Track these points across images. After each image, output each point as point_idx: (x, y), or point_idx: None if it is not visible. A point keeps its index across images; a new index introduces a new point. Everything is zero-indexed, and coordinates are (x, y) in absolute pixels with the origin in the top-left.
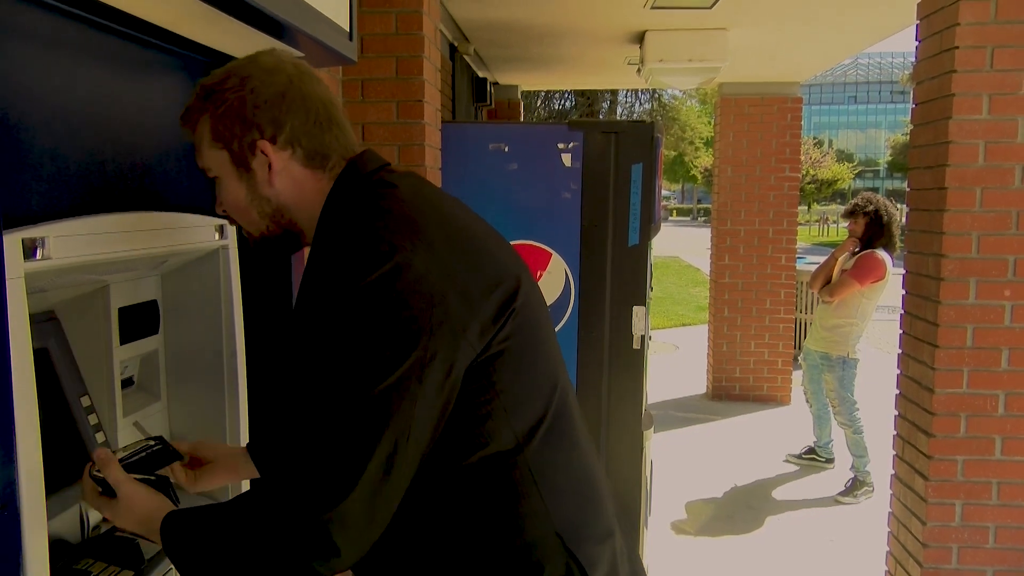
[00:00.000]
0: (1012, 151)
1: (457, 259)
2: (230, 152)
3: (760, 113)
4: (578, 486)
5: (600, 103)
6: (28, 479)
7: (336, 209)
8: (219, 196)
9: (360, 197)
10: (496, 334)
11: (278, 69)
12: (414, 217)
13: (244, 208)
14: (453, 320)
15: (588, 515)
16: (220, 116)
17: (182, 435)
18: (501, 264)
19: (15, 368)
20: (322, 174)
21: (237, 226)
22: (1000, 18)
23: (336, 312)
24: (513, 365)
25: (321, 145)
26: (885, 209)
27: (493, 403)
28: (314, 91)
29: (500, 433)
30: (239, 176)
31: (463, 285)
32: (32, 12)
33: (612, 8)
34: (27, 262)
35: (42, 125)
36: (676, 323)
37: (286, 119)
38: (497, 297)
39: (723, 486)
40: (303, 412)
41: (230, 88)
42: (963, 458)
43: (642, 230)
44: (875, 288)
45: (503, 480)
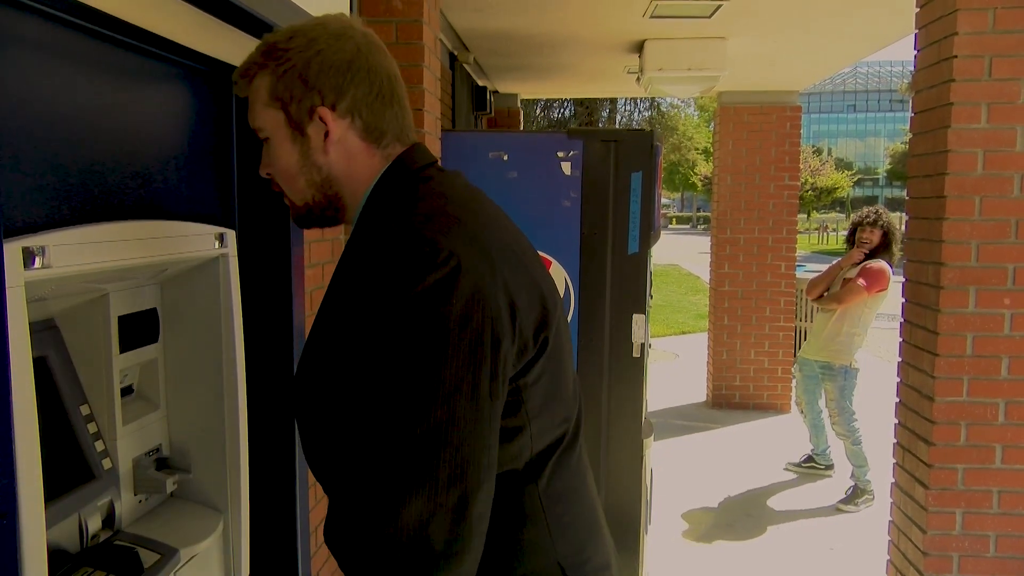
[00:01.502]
0: (1011, 160)
1: (506, 268)
2: (287, 114)
3: (759, 122)
4: (582, 517)
5: (599, 111)
6: (27, 488)
7: (382, 202)
8: (267, 158)
9: (407, 194)
10: (535, 355)
11: (346, 35)
12: (464, 219)
13: (293, 174)
14: (504, 331)
15: (589, 547)
16: (281, 75)
17: (181, 443)
18: (539, 281)
19: (14, 377)
20: (376, 151)
21: (279, 193)
22: (998, 28)
23: (389, 320)
24: (542, 390)
25: (381, 120)
26: (894, 227)
27: (523, 426)
28: (380, 63)
29: (520, 457)
30: (293, 139)
31: (512, 296)
32: (32, 21)
33: (611, 17)
34: (27, 271)
35: (42, 134)
36: (676, 331)
37: (349, 88)
38: (535, 316)
39: (723, 494)
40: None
41: (295, 48)
42: (963, 467)
43: (642, 238)
44: (878, 298)
45: (512, 504)
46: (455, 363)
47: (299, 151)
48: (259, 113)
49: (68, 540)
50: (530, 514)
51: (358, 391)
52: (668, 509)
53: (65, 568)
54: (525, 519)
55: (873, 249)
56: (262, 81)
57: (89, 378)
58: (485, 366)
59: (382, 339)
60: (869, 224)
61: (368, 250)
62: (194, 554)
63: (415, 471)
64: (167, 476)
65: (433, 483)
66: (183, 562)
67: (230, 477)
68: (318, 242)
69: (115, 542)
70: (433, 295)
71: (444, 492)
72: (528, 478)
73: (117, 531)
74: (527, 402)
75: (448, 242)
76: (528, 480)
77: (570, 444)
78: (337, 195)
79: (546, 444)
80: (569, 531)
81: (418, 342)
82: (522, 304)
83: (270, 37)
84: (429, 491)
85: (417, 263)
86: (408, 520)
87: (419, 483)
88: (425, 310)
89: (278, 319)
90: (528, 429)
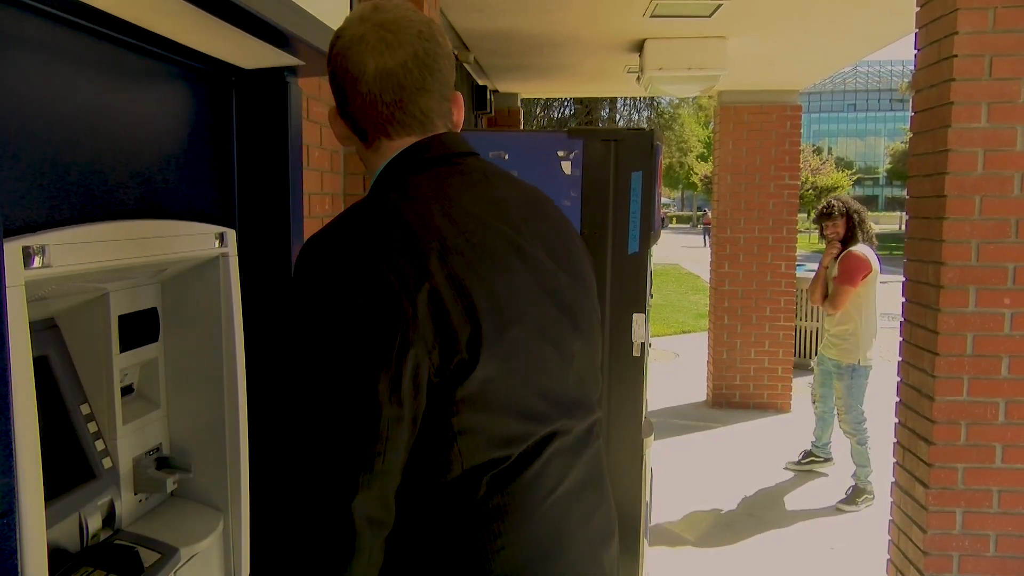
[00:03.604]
0: (1011, 159)
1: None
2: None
3: (759, 121)
4: (528, 537)
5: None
6: (27, 487)
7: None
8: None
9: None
10: (468, 367)
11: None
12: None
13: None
14: (420, 337)
15: (544, 566)
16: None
17: (182, 442)
18: (516, 292)
19: (15, 376)
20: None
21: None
22: (998, 27)
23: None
24: (482, 404)
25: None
26: (855, 205)
27: (447, 439)
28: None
29: (446, 470)
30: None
31: (445, 303)
32: (33, 21)
33: (612, 17)
34: (27, 270)
35: (42, 133)
36: (676, 330)
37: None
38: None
39: (723, 494)
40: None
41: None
42: (963, 466)
43: (642, 238)
44: (868, 283)
45: (441, 515)
46: (354, 363)
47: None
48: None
49: (68, 539)
50: (459, 528)
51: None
52: (668, 509)
53: (65, 567)
54: (454, 532)
55: (844, 237)
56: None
57: (89, 377)
58: (387, 370)
59: (297, 334)
60: (826, 218)
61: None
62: (194, 553)
63: (303, 467)
64: (167, 475)
65: (317, 481)
66: (183, 561)
67: (230, 476)
68: None
69: (115, 541)
70: (343, 295)
71: (326, 492)
72: (458, 492)
73: (117, 530)
74: (457, 414)
75: (368, 243)
76: (458, 494)
77: (520, 465)
78: None
79: (480, 461)
80: (505, 551)
81: (324, 340)
82: (456, 312)
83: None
84: (313, 489)
85: (326, 261)
86: (292, 518)
87: (304, 480)
88: (333, 309)
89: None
90: (455, 443)
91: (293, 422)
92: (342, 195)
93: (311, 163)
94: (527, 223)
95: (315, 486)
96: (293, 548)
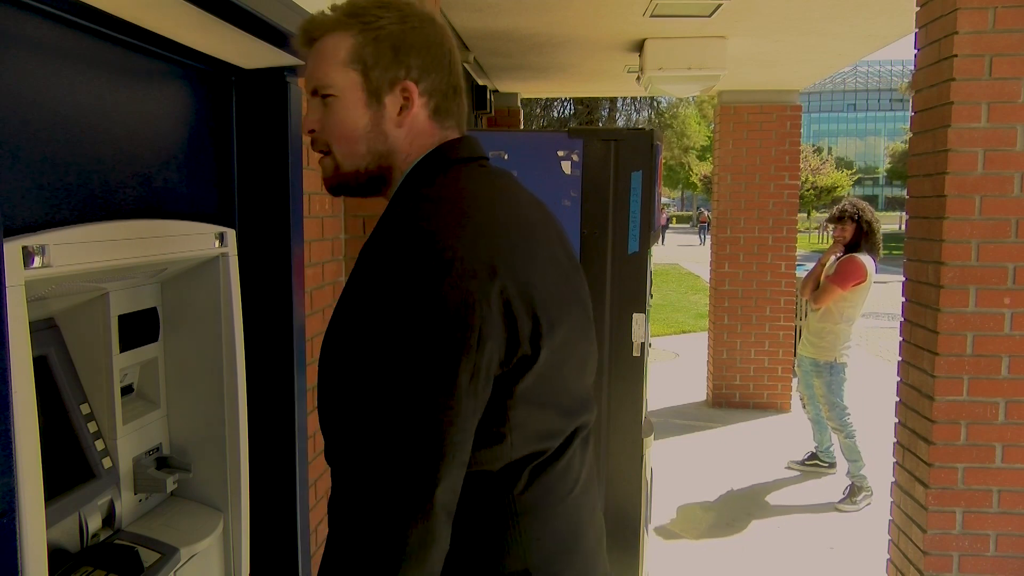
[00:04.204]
0: (1011, 159)
1: (509, 271)
2: (366, 78)
3: (759, 121)
4: (557, 534)
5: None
6: (27, 487)
7: (409, 187)
8: (324, 117)
9: (428, 184)
10: (529, 362)
11: (436, 21)
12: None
13: (355, 138)
14: (493, 332)
15: (562, 558)
16: (371, 40)
17: (182, 442)
18: (555, 290)
19: (15, 376)
20: (439, 132)
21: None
22: (998, 27)
23: (383, 310)
24: (532, 398)
25: (451, 106)
26: (870, 214)
27: (503, 431)
28: (456, 55)
29: (496, 460)
30: (367, 104)
31: (510, 298)
32: (33, 21)
33: (612, 17)
34: (27, 270)
35: (43, 133)
36: (676, 330)
37: (432, 70)
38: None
39: (723, 493)
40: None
41: (388, 18)
42: (963, 466)
43: (642, 237)
44: (857, 291)
45: (487, 505)
46: (437, 355)
47: (370, 117)
48: (330, 70)
49: (68, 539)
50: (502, 519)
51: (354, 376)
52: (668, 508)
53: (65, 567)
54: (497, 522)
55: (851, 242)
56: (342, 40)
57: (89, 377)
58: (467, 362)
59: (373, 327)
60: (837, 221)
61: (378, 238)
62: (194, 553)
63: (384, 459)
64: (167, 475)
65: (400, 472)
66: (183, 561)
67: (230, 476)
68: (318, 241)
69: (115, 541)
70: (424, 287)
71: (410, 482)
72: (502, 483)
73: (117, 530)
74: (512, 408)
75: (446, 237)
76: (502, 485)
77: (554, 458)
78: (390, 168)
79: (525, 454)
80: (539, 543)
81: (403, 333)
82: (520, 309)
83: (357, 0)
84: (396, 480)
85: (413, 255)
86: (374, 509)
87: (387, 471)
88: (414, 302)
89: (278, 318)
90: (509, 435)
91: (380, 414)
92: None
93: (311, 163)
94: (545, 224)
95: (404, 478)
96: (377, 539)
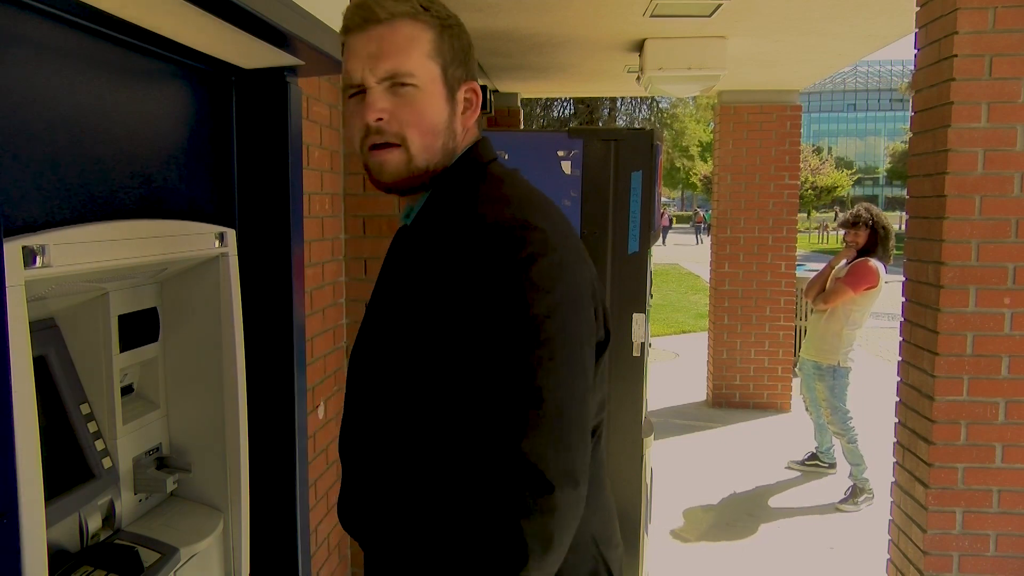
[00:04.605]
0: (1011, 159)
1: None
2: (444, 74)
3: (759, 121)
4: (607, 504)
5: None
6: (27, 487)
7: (455, 186)
8: (398, 107)
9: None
10: (603, 338)
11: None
12: (543, 207)
13: (437, 132)
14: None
15: (611, 525)
16: (448, 37)
17: (182, 442)
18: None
19: (15, 376)
20: (475, 131)
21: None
22: (999, 27)
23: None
24: (599, 374)
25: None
26: (884, 221)
27: None
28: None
29: None
30: (446, 99)
31: (590, 278)
32: (34, 21)
33: (612, 16)
34: (27, 269)
35: (43, 133)
36: (676, 330)
37: (475, 71)
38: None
39: (723, 493)
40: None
41: (459, 23)
42: (964, 466)
43: (642, 238)
44: (867, 296)
45: None
46: (571, 333)
47: (448, 113)
48: (416, 59)
49: (68, 539)
50: None
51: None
52: (668, 508)
53: (65, 567)
54: None
55: (864, 247)
56: (422, 31)
57: (89, 377)
58: (591, 340)
59: (491, 305)
60: (851, 226)
61: (455, 231)
62: (194, 553)
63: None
64: (167, 475)
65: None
66: (183, 561)
67: (230, 476)
68: (318, 241)
69: (115, 541)
70: (536, 263)
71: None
72: None
73: (117, 530)
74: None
75: (538, 221)
76: None
77: (596, 440)
78: (443, 166)
79: (594, 425)
80: (598, 513)
81: (527, 305)
82: (598, 294)
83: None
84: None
85: (516, 238)
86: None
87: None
88: (530, 276)
89: (278, 318)
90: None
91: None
92: (342, 195)
93: (311, 163)
94: None
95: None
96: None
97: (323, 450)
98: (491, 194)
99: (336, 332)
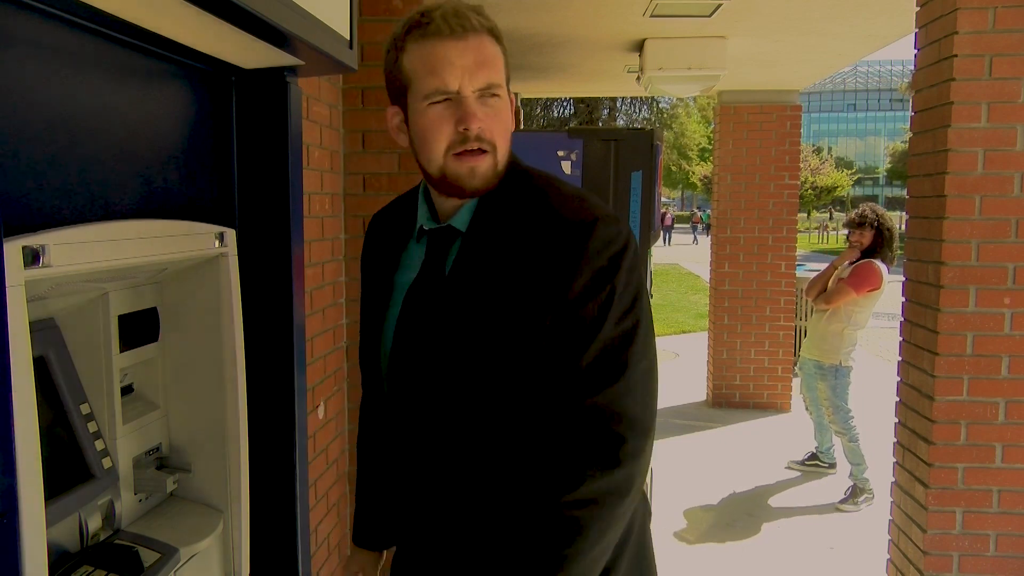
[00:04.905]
0: (1011, 159)
1: None
2: (508, 87)
3: (759, 121)
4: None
5: (600, 110)
6: (27, 487)
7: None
8: (488, 117)
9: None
10: None
11: None
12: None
13: (510, 140)
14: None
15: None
16: (506, 54)
17: (182, 442)
18: None
19: (14, 376)
20: None
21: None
22: (999, 27)
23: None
24: None
25: None
26: (889, 222)
27: None
28: None
29: None
30: (512, 112)
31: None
32: (34, 21)
33: (612, 17)
34: (27, 269)
35: (43, 133)
36: (676, 330)
37: None
38: None
39: (723, 493)
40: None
41: None
42: (964, 466)
43: (642, 238)
44: (870, 297)
45: None
46: (644, 300)
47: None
48: (500, 72)
49: (68, 539)
50: None
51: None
52: (668, 508)
53: (65, 567)
54: None
55: (868, 248)
56: (497, 48)
57: (89, 377)
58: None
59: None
60: (856, 226)
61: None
62: (194, 553)
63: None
64: (167, 475)
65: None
66: (183, 561)
67: (230, 476)
68: (318, 241)
69: (115, 541)
70: (626, 251)
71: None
72: None
73: (117, 530)
74: None
75: (615, 216)
76: None
77: None
78: None
79: None
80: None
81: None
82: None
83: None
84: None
85: (612, 231)
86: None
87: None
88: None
89: (278, 318)
90: None
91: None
92: (342, 195)
93: (311, 163)
94: None
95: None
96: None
97: (323, 450)
98: (556, 194)
99: (336, 332)
